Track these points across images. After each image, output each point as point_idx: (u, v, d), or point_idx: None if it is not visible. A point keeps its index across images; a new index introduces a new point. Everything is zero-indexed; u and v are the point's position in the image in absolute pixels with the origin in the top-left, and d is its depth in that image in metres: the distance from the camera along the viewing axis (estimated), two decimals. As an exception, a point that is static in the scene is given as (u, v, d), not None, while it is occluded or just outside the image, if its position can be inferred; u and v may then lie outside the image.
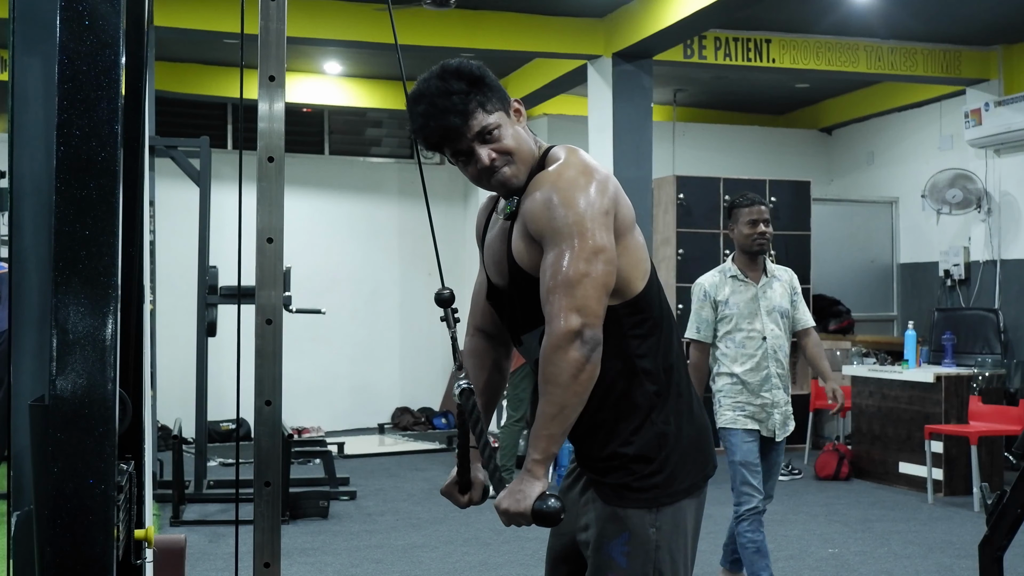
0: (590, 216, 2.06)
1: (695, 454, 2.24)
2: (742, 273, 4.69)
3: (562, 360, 2.02)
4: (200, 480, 6.99)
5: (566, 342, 2.01)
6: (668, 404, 2.21)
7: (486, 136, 2.14)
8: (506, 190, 2.20)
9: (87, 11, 1.44)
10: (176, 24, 7.77)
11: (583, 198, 2.07)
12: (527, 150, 2.18)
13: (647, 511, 2.17)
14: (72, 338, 1.41)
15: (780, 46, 8.84)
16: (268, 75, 1.97)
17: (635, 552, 2.16)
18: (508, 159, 2.16)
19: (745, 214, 4.65)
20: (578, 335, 2.02)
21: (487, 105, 2.14)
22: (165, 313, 8.57)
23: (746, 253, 4.69)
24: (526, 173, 2.17)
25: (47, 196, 1.52)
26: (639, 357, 2.19)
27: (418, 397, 11.62)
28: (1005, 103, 8.92)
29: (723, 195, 9.38)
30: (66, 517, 1.40)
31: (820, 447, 8.75)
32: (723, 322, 4.69)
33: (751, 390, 4.73)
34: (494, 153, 2.15)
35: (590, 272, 2.03)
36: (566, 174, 2.11)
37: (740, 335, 4.67)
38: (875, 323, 10.74)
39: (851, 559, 5.63)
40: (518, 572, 5.38)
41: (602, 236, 2.06)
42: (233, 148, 10.84)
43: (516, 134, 2.18)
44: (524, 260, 2.16)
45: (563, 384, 2.03)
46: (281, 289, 2.01)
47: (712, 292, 4.69)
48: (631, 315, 2.18)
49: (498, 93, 2.17)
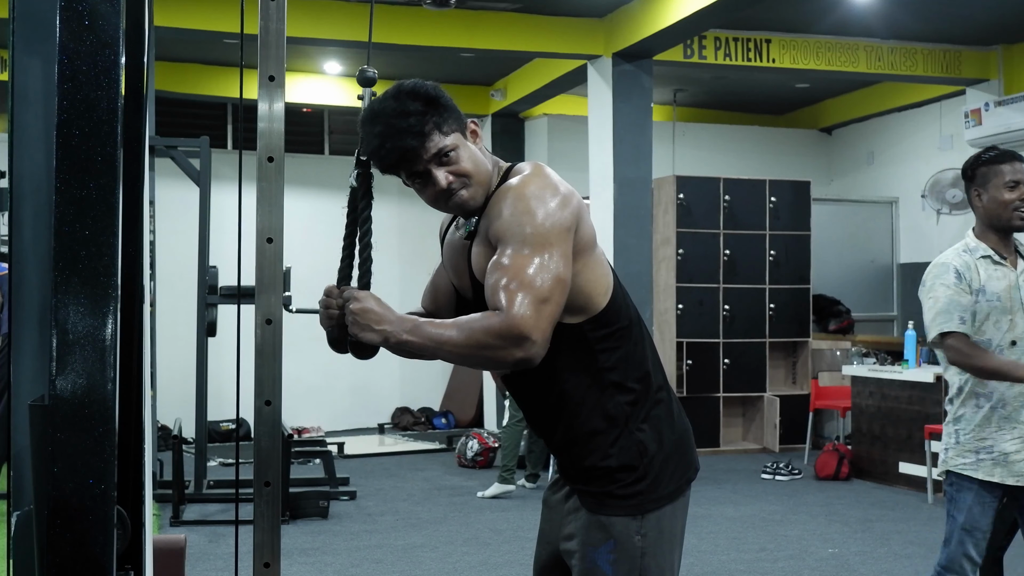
0: (552, 231, 2.03)
1: (677, 458, 2.22)
2: (996, 254, 3.39)
3: (494, 348, 1.97)
4: (200, 480, 7.00)
5: (511, 342, 1.96)
6: (644, 412, 2.18)
7: (443, 158, 2.11)
8: (463, 212, 2.18)
9: (87, 11, 1.44)
10: (176, 24, 7.78)
11: (545, 210, 2.04)
12: (484, 171, 2.16)
13: (631, 518, 2.16)
14: (72, 338, 1.41)
15: (780, 46, 8.84)
16: (268, 75, 1.97)
17: (621, 560, 2.15)
18: (465, 181, 2.13)
19: (1006, 173, 3.35)
20: (523, 344, 1.97)
21: (443, 127, 2.11)
22: (165, 313, 8.57)
23: (998, 229, 3.39)
24: (483, 195, 2.15)
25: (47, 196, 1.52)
26: (608, 370, 2.16)
27: (418, 397, 11.62)
28: (1005, 103, 8.92)
29: (723, 195, 9.39)
30: (66, 517, 1.40)
31: (820, 447, 8.75)
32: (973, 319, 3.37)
33: (1007, 415, 3.33)
34: (451, 176, 2.12)
35: (544, 291, 1.99)
36: (531, 186, 2.08)
37: (998, 335, 3.34)
38: (875, 323, 10.74)
39: (851, 559, 5.63)
40: (518, 572, 5.38)
41: (559, 257, 2.02)
42: (233, 148, 10.84)
43: (473, 156, 2.15)
44: (483, 272, 2.12)
45: (465, 353, 2.01)
46: (281, 289, 2.00)
47: (966, 275, 3.36)
48: (596, 330, 2.15)
49: (454, 114, 2.14)
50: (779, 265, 9.56)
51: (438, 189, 2.13)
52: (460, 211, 2.19)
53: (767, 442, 9.43)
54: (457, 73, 10.27)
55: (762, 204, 9.52)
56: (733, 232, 9.39)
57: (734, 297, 9.42)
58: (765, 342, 9.52)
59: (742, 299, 9.44)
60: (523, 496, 7.35)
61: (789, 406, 9.37)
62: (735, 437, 9.66)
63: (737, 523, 6.46)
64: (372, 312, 2.07)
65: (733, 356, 9.41)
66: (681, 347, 9.25)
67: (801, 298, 9.64)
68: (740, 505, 7.02)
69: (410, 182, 2.16)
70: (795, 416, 9.29)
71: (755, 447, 9.50)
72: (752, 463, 8.67)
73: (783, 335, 9.60)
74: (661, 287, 9.37)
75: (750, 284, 9.46)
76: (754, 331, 9.47)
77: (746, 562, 5.55)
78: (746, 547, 5.87)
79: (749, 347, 9.46)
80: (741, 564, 5.51)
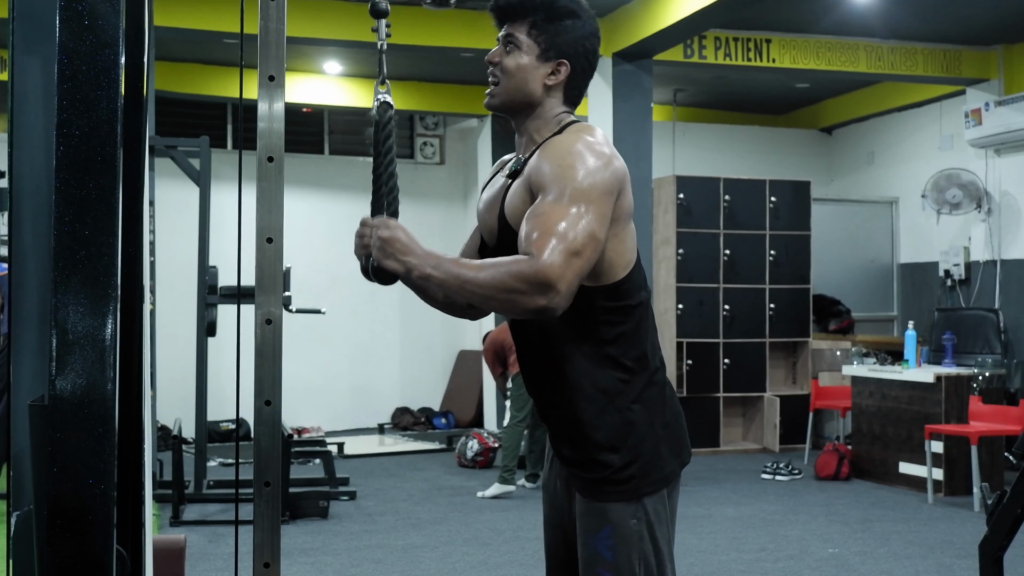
0: (594, 188, 2.06)
1: (671, 441, 2.23)
2: None
3: (518, 295, 1.98)
4: (200, 480, 6.99)
5: (537, 289, 1.96)
6: (635, 392, 2.19)
7: (507, 44, 2.23)
8: (487, 101, 2.28)
9: (87, 11, 1.44)
10: (176, 24, 7.77)
11: (588, 169, 2.07)
12: (518, 89, 2.22)
13: (627, 503, 2.17)
14: (72, 338, 1.40)
15: (780, 46, 8.84)
16: (268, 75, 1.96)
17: (620, 545, 2.16)
18: (499, 76, 2.24)
19: None
20: (549, 292, 1.96)
21: (535, 31, 2.21)
22: (165, 313, 8.57)
23: None
24: (502, 103, 2.24)
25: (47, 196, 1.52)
26: (607, 343, 2.18)
27: (418, 397, 11.62)
28: (1005, 103, 8.92)
29: (723, 195, 9.39)
30: (66, 517, 1.40)
31: (820, 447, 8.75)
32: None
33: None
34: (497, 59, 2.24)
35: (577, 244, 2.00)
36: (579, 143, 2.12)
37: None
38: (875, 323, 10.74)
39: (851, 559, 5.63)
40: (518, 572, 5.38)
41: (597, 216, 2.04)
42: (233, 148, 10.84)
43: (523, 70, 2.22)
44: (515, 216, 2.15)
45: (488, 295, 2.00)
46: (281, 289, 2.00)
47: None
48: (606, 300, 2.17)
49: (555, 39, 2.21)
50: (779, 265, 9.56)
51: (487, 58, 2.27)
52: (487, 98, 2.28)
53: (767, 442, 9.43)
54: (457, 73, 10.27)
55: (762, 204, 9.52)
56: (733, 232, 9.39)
57: (734, 297, 9.42)
58: (765, 342, 9.52)
59: (742, 299, 9.44)
60: (523, 496, 7.35)
61: (789, 406, 9.37)
62: (735, 437, 9.66)
63: (737, 523, 6.46)
64: (398, 241, 2.10)
65: (733, 356, 9.41)
66: (681, 347, 9.25)
67: (801, 298, 9.64)
68: (740, 505, 7.02)
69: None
70: (795, 416, 9.29)
71: (755, 447, 9.50)
72: (752, 463, 8.67)
73: (783, 335, 9.60)
74: (661, 287, 9.37)
75: (750, 284, 9.46)
76: (754, 331, 9.47)
77: (746, 562, 5.55)
78: (746, 547, 5.87)
79: (749, 347, 9.46)
80: (741, 564, 5.51)
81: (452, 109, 10.99)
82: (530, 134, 2.25)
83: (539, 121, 2.24)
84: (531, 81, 2.22)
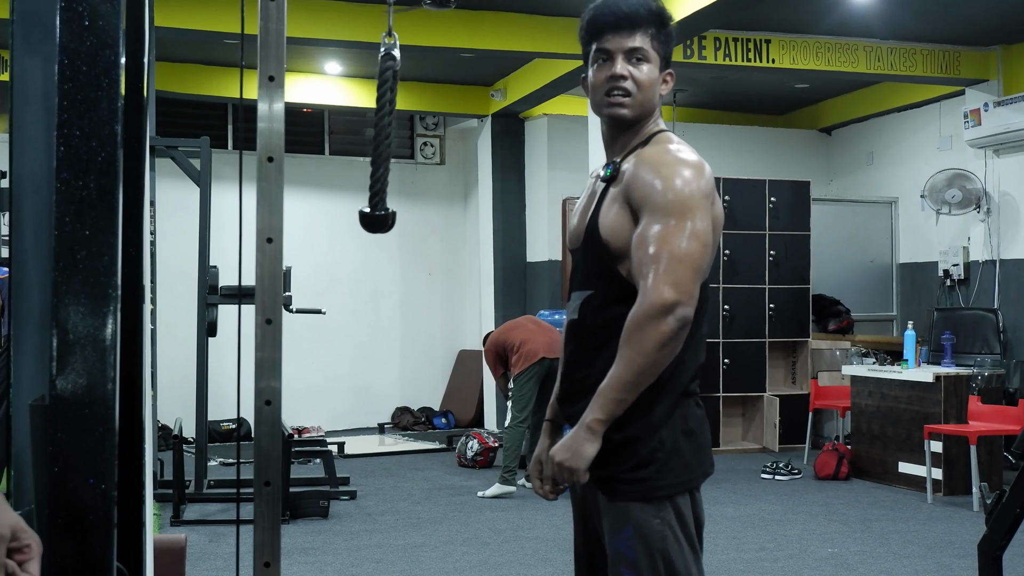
0: (696, 200, 2.14)
1: (692, 449, 2.26)
2: None
3: (653, 330, 2.08)
4: (200, 480, 7.00)
5: (659, 313, 2.07)
6: (665, 397, 2.22)
7: (633, 56, 2.23)
8: (609, 113, 2.26)
9: (87, 11, 1.44)
10: (176, 24, 7.77)
11: (692, 182, 2.15)
12: (649, 102, 2.27)
13: (647, 503, 2.19)
14: (72, 338, 1.41)
15: (780, 46, 8.84)
16: (268, 75, 1.97)
17: (641, 545, 2.18)
18: (631, 91, 2.24)
19: None
20: (671, 309, 2.08)
21: (655, 42, 2.25)
22: (165, 313, 8.56)
23: None
24: (632, 117, 2.25)
25: (47, 196, 1.52)
26: None
27: (418, 397, 11.62)
28: (1004, 103, 8.92)
29: (723, 195, 9.38)
30: (66, 517, 1.40)
31: (820, 447, 8.75)
32: None
33: None
34: (628, 72, 2.23)
35: (691, 252, 2.10)
36: (679, 155, 2.20)
37: None
38: (874, 323, 10.74)
39: (851, 559, 5.63)
40: (518, 572, 5.38)
41: (703, 220, 2.13)
42: (233, 148, 10.84)
43: (653, 82, 2.26)
44: (607, 223, 2.21)
45: (646, 352, 2.08)
46: (281, 289, 2.01)
47: None
48: None
49: (668, 50, 2.28)
50: (779, 265, 9.56)
51: (610, 73, 2.23)
52: (608, 109, 2.26)
53: (767, 442, 9.43)
54: (457, 73, 10.27)
55: (762, 204, 9.52)
56: (733, 232, 9.39)
57: (734, 297, 9.42)
58: (765, 342, 9.52)
59: (742, 299, 9.44)
60: (523, 496, 7.35)
61: (789, 406, 9.37)
62: (735, 437, 9.66)
63: (737, 523, 6.46)
64: (564, 450, 2.16)
65: (733, 356, 9.41)
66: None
67: (801, 298, 9.64)
68: (740, 505, 7.02)
69: (594, 55, 2.25)
70: (795, 416, 9.28)
71: (755, 447, 9.50)
72: (752, 463, 8.67)
73: (783, 335, 9.60)
74: (661, 287, 9.36)
75: (750, 284, 9.47)
76: (754, 331, 9.47)
77: (746, 562, 5.55)
78: (746, 547, 5.87)
79: (749, 347, 9.46)
80: (741, 564, 5.51)
81: (452, 109, 10.99)
82: (626, 140, 2.30)
83: (639, 128, 2.30)
84: (656, 93, 2.28)
